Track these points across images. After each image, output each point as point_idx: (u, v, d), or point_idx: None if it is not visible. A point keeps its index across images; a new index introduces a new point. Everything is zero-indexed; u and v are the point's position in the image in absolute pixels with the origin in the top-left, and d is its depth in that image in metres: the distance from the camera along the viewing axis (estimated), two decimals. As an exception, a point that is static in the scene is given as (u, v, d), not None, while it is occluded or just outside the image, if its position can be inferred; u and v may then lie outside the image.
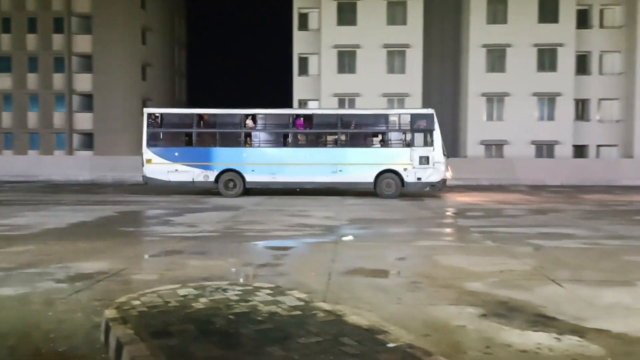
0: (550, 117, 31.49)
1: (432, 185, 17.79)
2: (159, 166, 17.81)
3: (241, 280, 6.08)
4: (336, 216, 12.64)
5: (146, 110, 18.58)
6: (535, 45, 30.98)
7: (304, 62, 33.10)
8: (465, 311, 4.83)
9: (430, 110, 18.17)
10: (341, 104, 31.38)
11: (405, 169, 17.72)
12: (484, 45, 31.21)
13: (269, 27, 79.64)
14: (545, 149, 31.53)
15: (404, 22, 31.36)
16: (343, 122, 18.27)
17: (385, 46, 31.33)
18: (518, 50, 31.08)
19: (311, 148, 18.32)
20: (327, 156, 18.07)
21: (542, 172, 26.70)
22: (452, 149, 31.53)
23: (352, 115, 19.27)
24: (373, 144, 18.60)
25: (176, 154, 18.03)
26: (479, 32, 31.24)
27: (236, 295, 4.90)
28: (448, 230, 10.67)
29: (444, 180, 17.90)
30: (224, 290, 5.09)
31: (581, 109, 32.70)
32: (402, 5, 31.37)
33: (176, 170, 17.81)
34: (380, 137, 18.53)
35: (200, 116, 18.56)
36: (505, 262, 7.09)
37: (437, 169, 17.60)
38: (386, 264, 7.14)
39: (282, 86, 38.04)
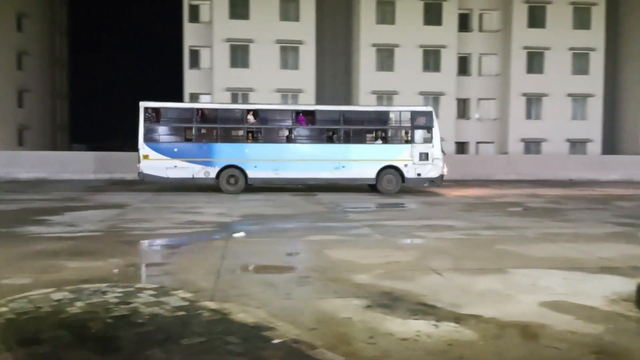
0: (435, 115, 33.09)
1: (431, 180, 18.28)
2: (157, 162, 17.21)
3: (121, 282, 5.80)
4: (228, 212, 12.46)
5: (143, 104, 17.50)
6: (421, 46, 32.44)
7: (195, 55, 32.28)
8: (351, 303, 4.93)
9: (429, 108, 18.90)
10: (234, 99, 30.98)
11: (405, 165, 18.07)
12: (374, 45, 32.19)
13: (159, 17, 76.83)
14: (430, 145, 33.17)
15: (297, 19, 31.54)
16: (345, 118, 18.29)
17: (279, 42, 31.34)
18: (405, 51, 32.38)
19: (315, 144, 18.40)
20: (330, 152, 18.09)
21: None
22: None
23: (354, 112, 19.35)
24: (375, 141, 18.92)
25: (175, 149, 17.53)
26: (369, 32, 32.16)
27: (116, 297, 4.66)
28: (339, 224, 10.89)
29: (442, 176, 18.35)
30: (103, 292, 4.83)
31: (462, 108, 34.77)
32: (294, 2, 31.52)
33: (175, 166, 17.34)
34: (381, 133, 18.79)
35: (200, 111, 18.27)
36: (391, 254, 7.34)
37: (436, 165, 18.15)
38: (277, 260, 7.14)
39: (173, 79, 36.93)
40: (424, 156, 18.12)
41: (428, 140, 18.25)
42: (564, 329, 4.26)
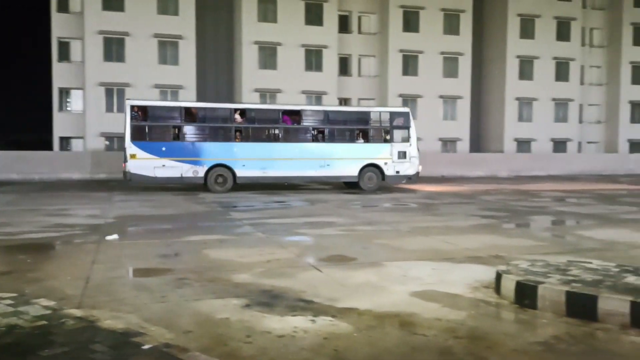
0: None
1: (408, 177, 19.26)
2: (145, 161, 16.93)
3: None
4: (102, 214, 11.80)
5: (129, 102, 17.31)
6: (303, 45, 32.85)
7: (65, 47, 30.19)
8: (230, 303, 4.86)
9: (406, 109, 19.98)
10: (109, 94, 29.46)
11: (385, 163, 18.93)
12: (256, 42, 32.06)
13: (22, 3, 70.84)
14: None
15: (176, 13, 30.56)
16: (329, 119, 19.01)
17: (156, 36, 30.18)
18: (288, 50, 32.62)
19: (301, 143, 18.65)
20: (316, 151, 18.56)
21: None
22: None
23: (337, 112, 20.24)
24: (357, 140, 19.42)
25: (163, 148, 17.22)
26: (251, 29, 31.99)
27: (-34, 310, 4.22)
28: (221, 224, 10.71)
29: (417, 173, 19.33)
30: (-49, 305, 4.35)
31: (343, 107, 35.76)
32: (173, -5, 30.59)
33: (163, 165, 17.12)
34: (363, 133, 19.36)
35: (188, 110, 18.10)
36: (272, 252, 7.34)
37: (413, 163, 19.16)
38: (152, 262, 6.86)
39: (41, 72, 34.28)
40: (402, 154, 19.09)
41: (406, 139, 19.19)
42: (431, 316, 4.51)
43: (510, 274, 5.19)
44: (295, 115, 18.86)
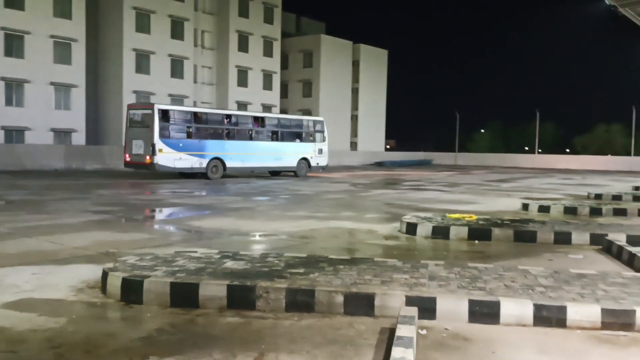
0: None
1: (322, 168, 27.00)
2: (168, 155, 20.89)
3: None
4: None
5: (157, 106, 21.15)
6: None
7: None
8: None
9: (322, 118, 28.70)
10: (8, 89, 23.85)
11: (311, 157, 26.02)
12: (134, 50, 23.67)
13: None
14: None
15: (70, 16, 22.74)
16: (281, 123, 25.60)
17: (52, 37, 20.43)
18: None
19: (265, 142, 24.36)
20: (274, 148, 24.49)
21: None
22: None
23: (286, 119, 26.98)
24: (296, 140, 25.74)
25: (180, 144, 21.33)
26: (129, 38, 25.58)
27: None
28: None
29: (327, 164, 27.46)
30: None
31: None
32: None
33: (180, 158, 21.23)
34: (299, 135, 25.94)
35: (195, 114, 23.03)
36: None
37: (325, 157, 26.89)
38: None
39: None
40: (320, 151, 26.47)
41: (322, 140, 26.63)
42: (25, 328, 4.01)
43: (116, 270, 5.06)
44: (260, 121, 24.68)
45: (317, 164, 26.43)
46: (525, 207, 12.58)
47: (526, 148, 69.54)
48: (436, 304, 4.38)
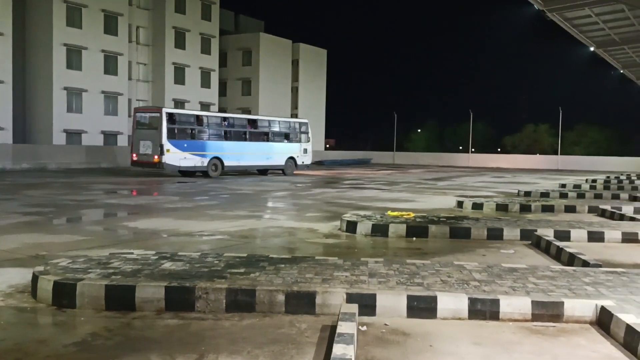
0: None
1: (307, 166, 28.65)
2: (175, 155, 22.50)
3: None
4: None
5: (165, 110, 23.12)
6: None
7: None
8: None
9: (306, 120, 30.15)
10: None
11: (297, 157, 27.72)
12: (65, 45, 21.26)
13: None
14: None
15: None
16: (271, 125, 27.19)
17: None
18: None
19: (257, 142, 26.20)
20: (265, 148, 26.35)
21: None
22: None
23: (275, 121, 27.93)
24: (284, 141, 27.45)
25: (185, 145, 22.94)
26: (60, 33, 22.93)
27: None
28: None
29: (311, 163, 29.17)
30: None
31: None
32: None
33: (185, 157, 22.84)
34: (287, 135, 27.61)
35: (198, 117, 24.57)
36: None
37: (310, 156, 28.69)
38: None
39: None
40: (305, 151, 28.20)
41: (306, 140, 28.40)
42: (-53, 338, 3.78)
43: (47, 274, 4.85)
44: (253, 123, 26.51)
45: (303, 162, 28.27)
46: (459, 204, 12.99)
47: (460, 147, 71.78)
48: (376, 300, 4.46)
